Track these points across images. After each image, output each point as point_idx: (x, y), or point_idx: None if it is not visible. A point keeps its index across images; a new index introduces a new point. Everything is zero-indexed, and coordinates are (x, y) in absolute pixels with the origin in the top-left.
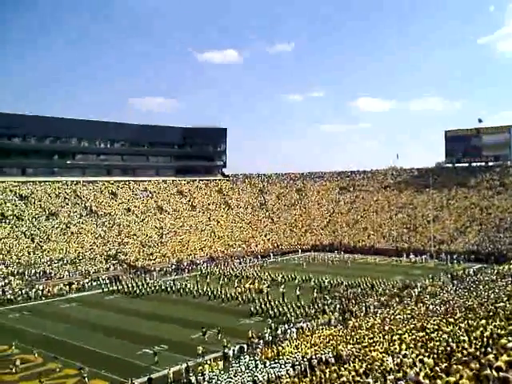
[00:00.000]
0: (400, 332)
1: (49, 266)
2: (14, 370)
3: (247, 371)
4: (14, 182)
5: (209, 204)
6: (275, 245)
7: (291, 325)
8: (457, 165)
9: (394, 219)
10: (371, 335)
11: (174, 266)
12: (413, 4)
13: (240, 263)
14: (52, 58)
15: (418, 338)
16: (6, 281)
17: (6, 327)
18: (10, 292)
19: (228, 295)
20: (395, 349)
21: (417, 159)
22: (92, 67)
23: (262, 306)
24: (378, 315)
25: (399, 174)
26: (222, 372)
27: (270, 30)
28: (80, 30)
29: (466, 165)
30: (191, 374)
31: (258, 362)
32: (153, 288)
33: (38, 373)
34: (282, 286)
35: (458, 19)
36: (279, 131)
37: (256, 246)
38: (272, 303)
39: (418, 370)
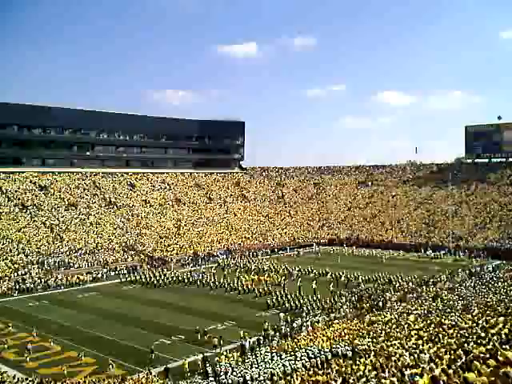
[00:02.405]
0: (417, 327)
1: (68, 255)
2: (26, 356)
3: (263, 363)
4: (34, 172)
5: (226, 197)
6: (292, 238)
7: (307, 318)
8: (477, 160)
9: (413, 214)
10: (388, 330)
11: (190, 258)
12: None
13: (256, 256)
14: (73, 51)
15: (435, 333)
16: (26, 269)
17: (25, 315)
18: (30, 281)
19: (245, 287)
20: (412, 344)
21: (436, 154)
22: (113, 60)
23: (279, 298)
24: (395, 310)
25: (418, 168)
26: (239, 363)
27: (292, 23)
28: (102, 23)
29: (486, 160)
30: (208, 365)
31: (274, 354)
32: (170, 279)
33: (57, 360)
34: (299, 280)
35: (480, 13)
36: (298, 125)
37: (273, 239)
38: (288, 296)
39: (434, 365)
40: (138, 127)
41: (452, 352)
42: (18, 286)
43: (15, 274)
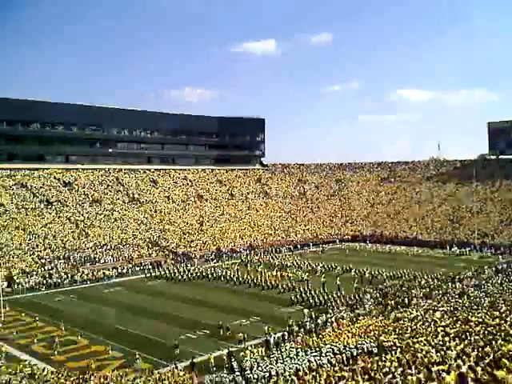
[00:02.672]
0: (443, 324)
1: (93, 251)
2: (53, 350)
3: (288, 359)
4: (58, 169)
5: (248, 193)
6: (314, 234)
7: (332, 314)
8: (501, 157)
9: (437, 211)
10: (414, 327)
11: (214, 254)
12: None
13: (279, 252)
14: (94, 50)
15: (461, 330)
16: (53, 265)
17: (52, 309)
18: (57, 276)
19: (268, 283)
20: (439, 341)
21: (459, 151)
22: (134, 59)
23: (303, 294)
24: (420, 307)
25: (442, 165)
26: (264, 359)
27: (309, 20)
28: (119, 23)
29: (511, 157)
30: (233, 360)
31: (299, 350)
32: (194, 274)
33: (85, 354)
34: (323, 276)
35: (498, 7)
36: (318, 121)
37: (295, 235)
38: (312, 292)
39: (461, 362)
40: (159, 124)
41: (479, 349)
42: (45, 281)
43: (42, 269)
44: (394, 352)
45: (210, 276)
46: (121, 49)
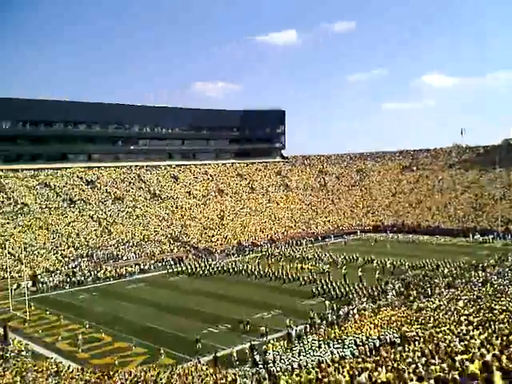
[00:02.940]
0: (467, 313)
1: (116, 248)
2: (77, 347)
3: (311, 351)
4: (81, 167)
5: (268, 186)
6: (336, 226)
7: (354, 306)
8: None
9: (460, 198)
10: (437, 316)
11: (235, 248)
12: None
13: (300, 244)
14: (112, 46)
15: (485, 319)
16: (76, 263)
17: (76, 307)
18: (80, 273)
19: (289, 276)
20: (462, 330)
21: (482, 137)
22: (153, 55)
23: (324, 286)
24: (443, 296)
25: (464, 152)
26: (287, 351)
27: (331, 8)
28: (139, 18)
29: None
30: (256, 353)
31: (321, 342)
32: (215, 269)
33: (109, 351)
34: (344, 267)
35: None
36: (340, 111)
37: (316, 227)
38: (334, 284)
39: (485, 351)
40: (180, 120)
41: (504, 337)
42: (68, 279)
43: (66, 268)
44: (416, 342)
45: (231, 270)
46: (138, 43)
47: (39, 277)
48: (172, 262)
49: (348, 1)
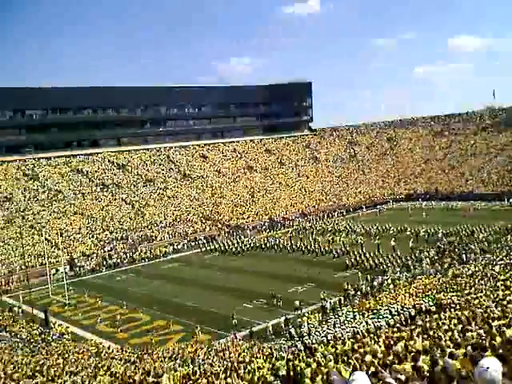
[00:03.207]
0: (503, 278)
1: (149, 229)
2: (116, 327)
3: (346, 323)
4: (111, 152)
5: (297, 160)
6: (367, 197)
7: (388, 276)
8: None
9: (494, 162)
10: (472, 282)
11: (266, 223)
12: None
13: (332, 217)
14: (134, 31)
15: None
16: (111, 246)
17: (114, 289)
18: (116, 256)
19: (322, 249)
20: (498, 295)
21: None
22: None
23: (357, 258)
24: (479, 262)
25: (497, 114)
26: (322, 324)
27: None
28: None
29: None
30: (291, 327)
31: (356, 313)
32: (248, 245)
33: (146, 330)
34: (377, 238)
35: None
36: (367, 79)
37: (347, 199)
38: (367, 255)
39: None
40: (206, 99)
41: None
42: (105, 262)
43: (102, 251)
44: (452, 309)
45: (263, 246)
46: (163, 22)
47: (76, 261)
48: (205, 241)
49: None
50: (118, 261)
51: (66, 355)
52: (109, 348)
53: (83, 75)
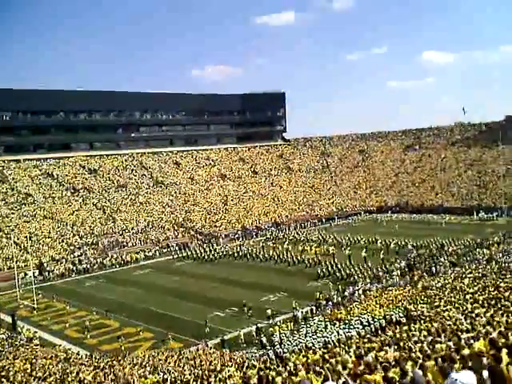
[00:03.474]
0: (472, 291)
1: (120, 235)
2: (85, 333)
3: (317, 332)
4: (83, 156)
5: (271, 169)
6: (339, 208)
7: (359, 286)
8: None
9: (463, 176)
10: (442, 295)
11: (239, 232)
12: None
13: (304, 227)
14: (112, 35)
15: (491, 296)
16: (81, 251)
17: (83, 295)
18: (86, 261)
19: (294, 259)
20: (467, 308)
21: (484, 113)
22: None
23: (329, 268)
24: (448, 275)
25: (467, 129)
26: (293, 333)
27: None
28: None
29: None
30: (262, 336)
31: (327, 323)
32: (220, 253)
33: (116, 337)
34: (348, 249)
35: None
36: (340, 92)
37: (320, 209)
38: (339, 265)
39: (491, 329)
40: (180, 106)
41: (510, 315)
42: (75, 267)
43: (72, 256)
44: (422, 321)
45: (236, 254)
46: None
47: (45, 265)
48: (177, 248)
49: None
50: (88, 266)
51: (34, 360)
52: (78, 354)
53: (57, 78)
